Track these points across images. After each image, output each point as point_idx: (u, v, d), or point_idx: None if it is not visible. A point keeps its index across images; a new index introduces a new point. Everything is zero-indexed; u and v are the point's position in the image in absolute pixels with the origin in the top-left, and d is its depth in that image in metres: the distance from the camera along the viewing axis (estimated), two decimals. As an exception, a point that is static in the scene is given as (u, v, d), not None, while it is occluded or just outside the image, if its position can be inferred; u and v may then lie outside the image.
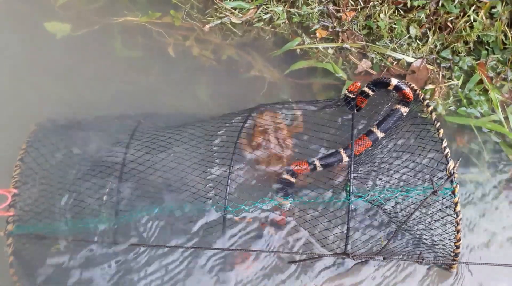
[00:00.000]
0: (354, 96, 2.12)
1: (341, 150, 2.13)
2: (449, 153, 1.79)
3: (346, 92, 2.14)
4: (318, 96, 2.59)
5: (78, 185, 2.13)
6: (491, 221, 2.26)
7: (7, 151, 2.26)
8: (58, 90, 2.71)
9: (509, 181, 2.33)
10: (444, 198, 1.83)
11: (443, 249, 1.93)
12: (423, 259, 1.86)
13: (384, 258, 1.84)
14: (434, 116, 1.89)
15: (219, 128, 2.32)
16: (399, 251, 2.05)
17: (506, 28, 2.39)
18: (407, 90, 1.99)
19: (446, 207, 1.84)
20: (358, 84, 2.15)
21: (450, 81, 2.43)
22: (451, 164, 1.78)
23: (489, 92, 2.38)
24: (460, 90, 2.42)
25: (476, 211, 2.28)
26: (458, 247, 1.83)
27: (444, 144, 1.81)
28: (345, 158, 2.11)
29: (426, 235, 1.99)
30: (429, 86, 2.43)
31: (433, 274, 2.12)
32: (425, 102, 1.95)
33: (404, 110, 2.04)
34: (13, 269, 2.04)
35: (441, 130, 1.84)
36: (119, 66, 2.80)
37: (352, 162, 1.94)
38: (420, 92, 2.00)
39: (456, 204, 1.76)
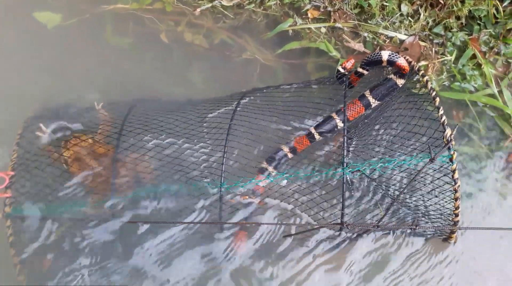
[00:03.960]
0: (347, 73, 2.13)
1: (334, 114, 2.12)
2: (445, 120, 1.79)
3: (340, 67, 2.14)
4: (312, 76, 2.58)
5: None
6: (487, 194, 2.27)
7: (4, 135, 2.31)
8: (51, 78, 2.69)
9: (505, 153, 2.33)
10: (442, 166, 1.83)
11: (441, 218, 1.93)
12: (417, 226, 1.85)
13: (378, 227, 1.83)
14: (430, 85, 1.88)
15: (212, 111, 2.33)
16: (396, 223, 2.06)
17: (498, 2, 2.38)
18: (400, 61, 1.99)
19: (444, 175, 1.84)
20: (352, 60, 2.15)
21: (443, 57, 2.43)
22: (448, 131, 1.77)
23: (482, 67, 2.38)
24: (453, 65, 2.42)
25: (472, 183, 2.28)
26: (457, 215, 1.82)
27: (441, 111, 1.80)
28: (339, 123, 2.10)
29: (424, 206, 1.99)
30: (422, 63, 2.42)
31: (431, 246, 2.12)
32: (420, 73, 1.95)
33: (400, 82, 2.03)
34: (14, 250, 2.04)
35: (437, 99, 1.84)
36: (111, 54, 2.78)
37: (345, 132, 1.92)
38: (415, 63, 2.00)
39: (454, 171, 1.75)
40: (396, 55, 2.01)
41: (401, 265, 2.14)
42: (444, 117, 1.78)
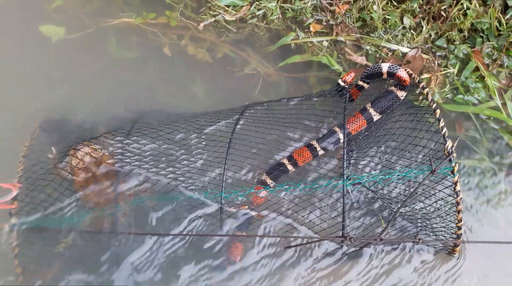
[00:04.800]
0: (347, 86, 2.13)
1: (337, 128, 2.11)
2: (446, 132, 1.77)
3: (340, 81, 2.14)
4: (315, 89, 2.58)
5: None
6: (493, 206, 2.23)
7: (11, 148, 2.33)
8: (55, 91, 2.72)
9: (510, 166, 2.31)
10: (443, 179, 1.81)
11: (445, 231, 1.90)
12: (419, 240, 1.83)
13: (381, 240, 1.81)
14: (430, 97, 1.87)
15: (213, 124, 2.33)
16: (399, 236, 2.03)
17: (500, 14, 2.38)
18: (400, 73, 1.99)
19: (446, 187, 1.82)
20: (353, 74, 2.15)
21: (446, 70, 2.42)
22: (449, 143, 1.76)
23: (485, 79, 2.37)
24: (456, 78, 2.41)
25: (477, 197, 2.25)
26: (459, 228, 1.80)
27: (441, 123, 1.79)
28: (342, 138, 2.09)
29: (427, 218, 1.96)
30: (425, 75, 2.42)
31: (435, 259, 2.09)
32: (421, 85, 1.94)
33: (401, 94, 2.02)
34: (17, 260, 2.05)
35: (438, 111, 1.83)
36: (115, 67, 2.81)
37: (345, 145, 1.92)
38: (415, 75, 1.99)
39: (455, 183, 1.73)
40: (395, 66, 2.00)
41: (404, 277, 2.11)
42: (445, 129, 1.77)
